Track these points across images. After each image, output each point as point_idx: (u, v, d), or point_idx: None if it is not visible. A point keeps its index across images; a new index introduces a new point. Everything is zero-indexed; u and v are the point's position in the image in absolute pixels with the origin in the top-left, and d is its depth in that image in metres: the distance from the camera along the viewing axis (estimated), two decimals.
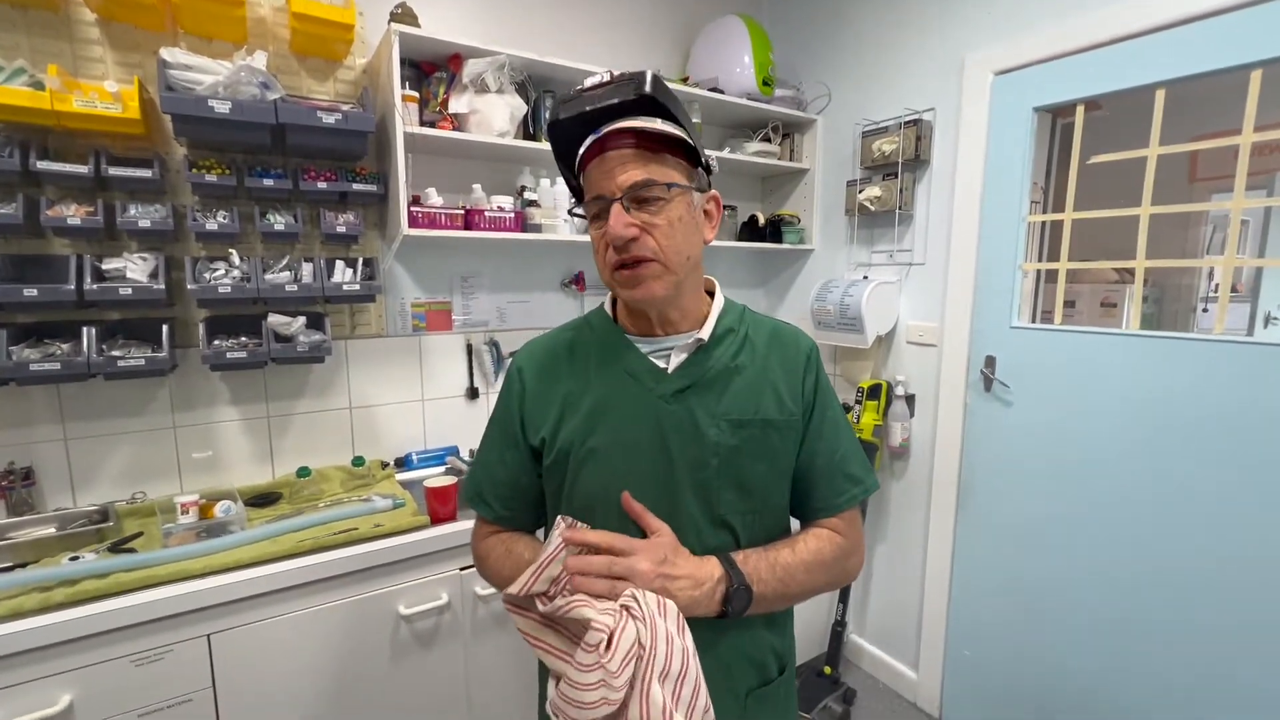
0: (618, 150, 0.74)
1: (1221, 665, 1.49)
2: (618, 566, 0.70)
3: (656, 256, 0.75)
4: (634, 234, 0.73)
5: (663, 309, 0.81)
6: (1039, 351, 1.80)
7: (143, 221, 1.44)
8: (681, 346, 0.81)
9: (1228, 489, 1.46)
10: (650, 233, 0.74)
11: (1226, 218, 2.66)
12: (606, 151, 0.74)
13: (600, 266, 0.79)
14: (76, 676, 1.14)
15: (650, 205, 0.74)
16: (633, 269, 0.75)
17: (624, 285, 0.77)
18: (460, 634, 1.54)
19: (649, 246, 0.74)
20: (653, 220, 0.74)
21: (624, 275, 0.76)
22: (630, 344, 0.83)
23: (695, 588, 0.72)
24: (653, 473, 0.79)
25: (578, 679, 0.64)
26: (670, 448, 0.78)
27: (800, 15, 2.44)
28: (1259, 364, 1.40)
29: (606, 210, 0.74)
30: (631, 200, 0.73)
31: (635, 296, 0.77)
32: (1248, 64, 1.40)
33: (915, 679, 2.20)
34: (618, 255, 0.75)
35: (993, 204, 1.88)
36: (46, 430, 1.50)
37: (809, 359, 0.86)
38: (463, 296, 2.03)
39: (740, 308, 0.89)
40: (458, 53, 1.72)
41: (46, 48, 1.42)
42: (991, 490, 1.94)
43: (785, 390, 0.82)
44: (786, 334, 0.88)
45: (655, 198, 0.74)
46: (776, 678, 0.87)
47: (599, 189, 0.75)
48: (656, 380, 0.80)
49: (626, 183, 0.73)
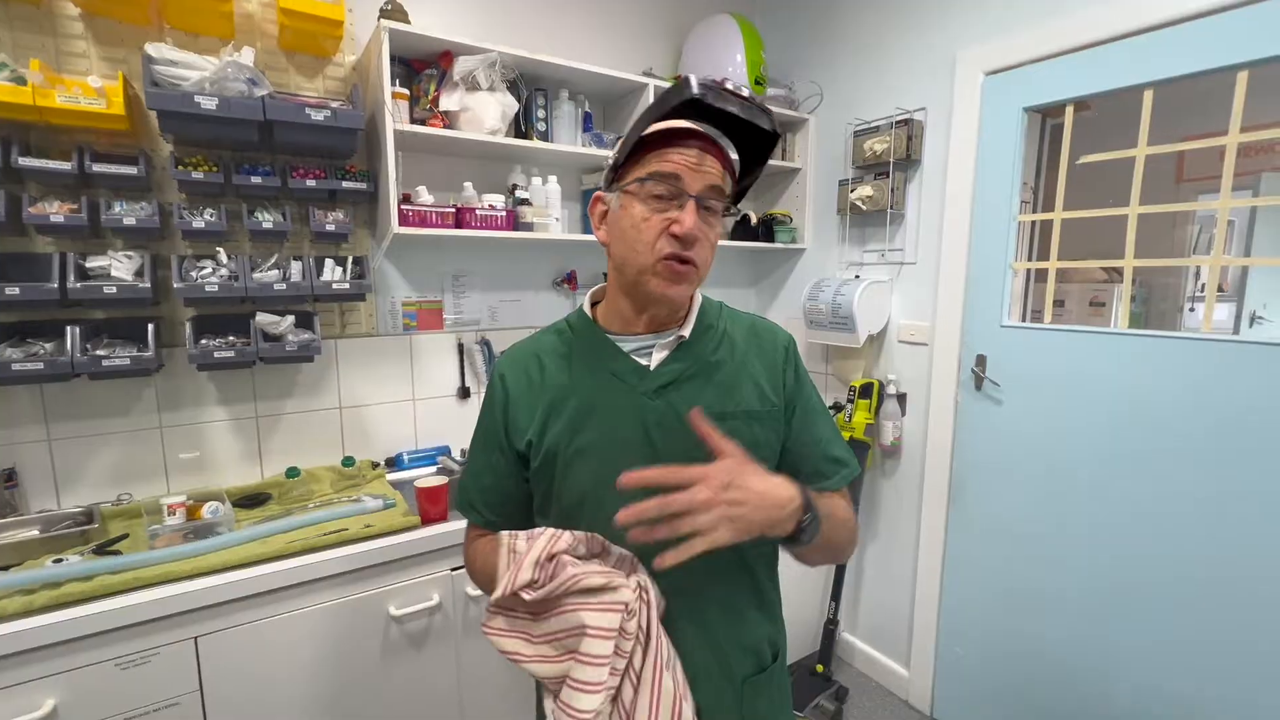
0: (708, 155, 0.75)
1: (1212, 664, 1.50)
2: (676, 503, 0.64)
3: (700, 265, 0.77)
4: (699, 235, 0.75)
5: (655, 308, 0.82)
6: (1029, 350, 1.81)
7: (128, 219, 1.42)
8: (663, 344, 0.82)
9: (1215, 486, 1.47)
10: (703, 240, 0.76)
11: (1213, 218, 2.68)
12: (705, 150, 0.75)
13: (641, 245, 0.76)
14: (60, 680, 1.12)
15: (709, 214, 0.76)
16: (683, 265, 0.76)
17: (665, 277, 0.76)
18: (452, 635, 1.53)
19: (700, 254, 0.76)
20: (708, 232, 0.76)
21: (673, 268, 0.76)
22: (612, 344, 0.84)
23: (772, 508, 0.68)
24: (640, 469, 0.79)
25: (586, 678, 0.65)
26: (656, 444, 0.79)
27: (792, 14, 2.44)
28: (1245, 362, 1.42)
29: (676, 195, 0.74)
30: (700, 204, 0.75)
31: (668, 292, 0.77)
32: (1235, 65, 1.41)
33: (907, 677, 2.21)
34: (680, 248, 0.75)
35: (983, 203, 1.89)
36: (30, 431, 1.48)
37: (787, 351, 0.88)
38: (454, 295, 2.02)
39: (718, 304, 0.91)
40: (448, 50, 1.71)
41: (28, 42, 1.40)
42: (982, 488, 1.95)
43: (766, 382, 0.84)
44: (764, 328, 0.90)
45: (715, 210, 0.77)
46: (770, 665, 0.88)
47: (681, 174, 0.74)
48: (639, 378, 0.81)
49: (710, 183, 0.75)
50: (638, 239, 0.76)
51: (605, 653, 0.66)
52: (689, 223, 0.73)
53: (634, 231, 0.76)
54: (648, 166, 0.75)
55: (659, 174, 0.74)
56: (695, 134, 0.75)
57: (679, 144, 0.74)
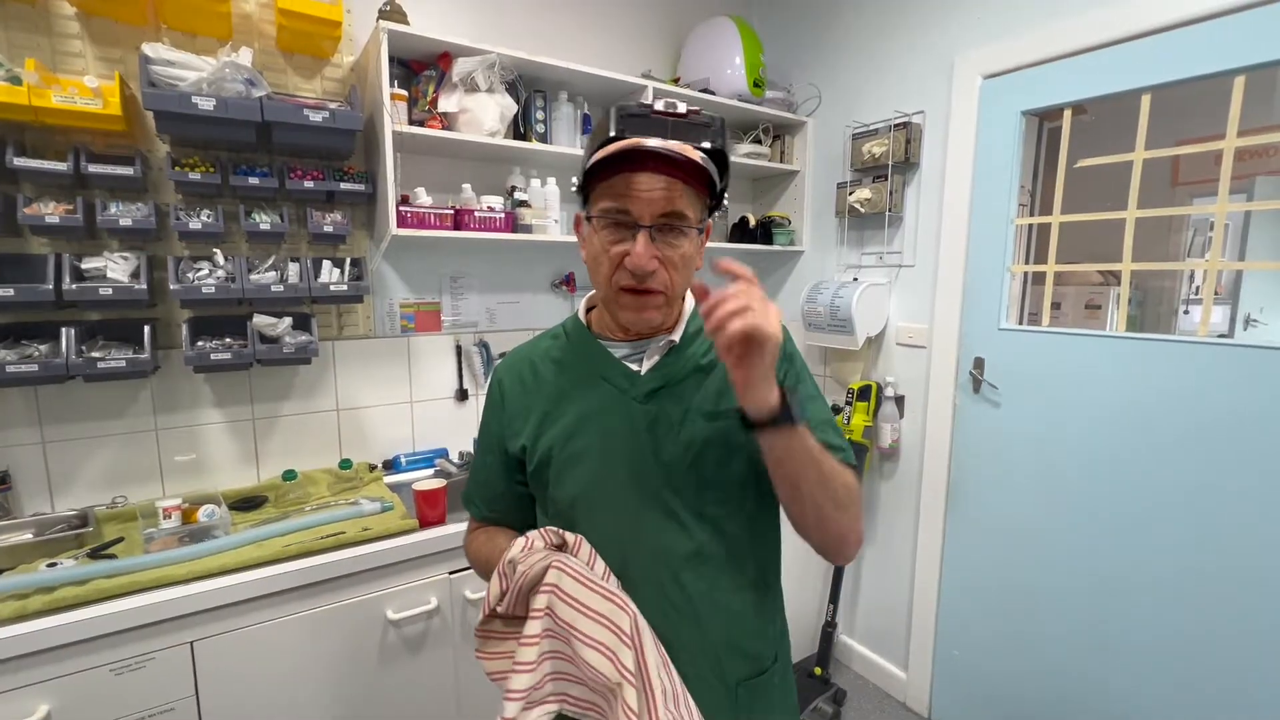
0: (652, 175, 0.71)
1: (1208, 666, 1.51)
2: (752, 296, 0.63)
3: (665, 289, 0.75)
4: (655, 267, 0.73)
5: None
6: (1027, 353, 1.81)
7: (124, 220, 1.41)
8: (654, 349, 0.82)
9: (1211, 488, 1.48)
10: (665, 266, 0.74)
11: (1207, 221, 2.70)
12: (644, 170, 0.71)
13: (600, 276, 0.77)
14: (55, 686, 1.11)
15: (671, 236, 0.73)
16: (641, 295, 0.75)
17: (626, 308, 0.77)
18: (450, 638, 1.52)
19: (662, 280, 0.75)
20: (670, 255, 0.74)
21: (630, 299, 0.76)
22: (603, 350, 0.84)
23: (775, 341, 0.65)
24: (633, 473, 0.80)
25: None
26: (647, 447, 0.79)
27: (791, 17, 2.44)
28: (1241, 365, 1.42)
29: (625, 225, 0.73)
30: (656, 230, 0.72)
31: (634, 320, 0.78)
32: (1232, 70, 1.42)
33: (905, 679, 2.21)
34: (632, 280, 0.74)
35: (981, 206, 1.89)
36: (23, 433, 1.47)
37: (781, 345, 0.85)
38: (452, 297, 2.02)
39: None
40: (447, 51, 1.70)
41: (24, 41, 1.39)
42: (980, 491, 1.96)
43: None
44: None
45: (678, 232, 0.73)
46: (769, 668, 0.86)
47: (625, 204, 0.72)
48: (631, 383, 0.82)
49: (659, 212, 0.71)
50: (597, 270, 0.77)
51: (533, 632, 0.69)
52: (638, 257, 0.71)
53: (594, 263, 0.77)
54: (600, 198, 0.74)
55: (607, 209, 0.73)
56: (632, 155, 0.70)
57: (623, 171, 0.71)
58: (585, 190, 0.78)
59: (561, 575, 0.70)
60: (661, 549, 0.78)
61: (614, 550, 0.78)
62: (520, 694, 0.68)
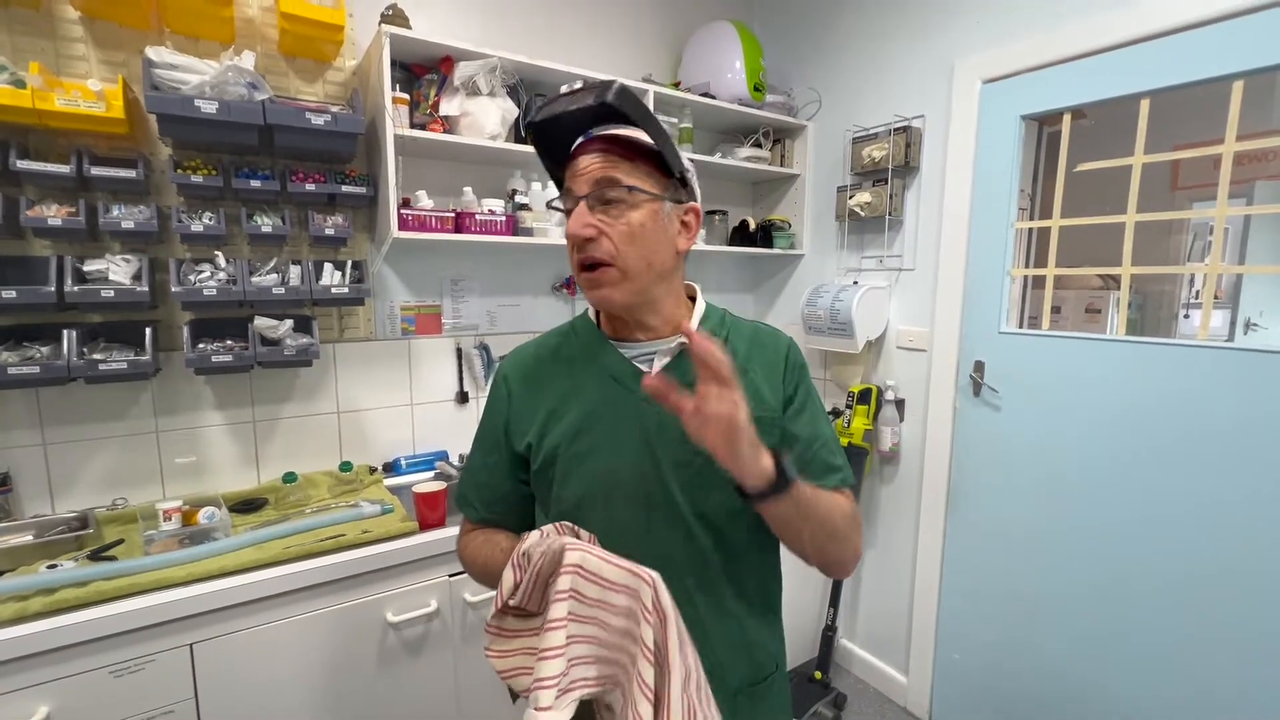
0: (589, 155, 0.76)
1: (1210, 671, 1.51)
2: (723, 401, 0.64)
3: (613, 261, 0.76)
4: (591, 234, 0.75)
5: (636, 315, 0.82)
6: (1027, 356, 1.81)
7: (126, 222, 1.41)
8: (664, 351, 0.82)
9: (1212, 492, 1.47)
10: (608, 234, 0.75)
11: (1206, 225, 2.70)
12: (585, 152, 0.77)
13: (571, 266, 0.80)
14: (54, 688, 1.11)
15: (613, 207, 0.75)
16: (593, 272, 0.77)
17: (586, 287, 0.79)
18: (450, 641, 1.52)
19: (605, 249, 0.75)
20: (612, 223, 0.75)
21: (586, 277, 0.78)
22: (613, 349, 0.84)
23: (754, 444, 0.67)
24: (638, 474, 0.79)
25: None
26: (654, 449, 0.79)
27: (791, 21, 2.45)
28: (1242, 369, 1.42)
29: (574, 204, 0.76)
30: (596, 200, 0.75)
31: (593, 299, 0.80)
32: (1230, 75, 1.42)
33: (905, 683, 2.20)
34: (578, 255, 0.77)
35: (981, 210, 1.89)
36: (24, 435, 1.47)
37: (789, 354, 0.87)
38: (453, 300, 2.02)
39: (721, 312, 0.90)
40: (449, 55, 1.71)
41: (28, 45, 1.40)
42: (980, 495, 1.96)
43: (766, 388, 0.83)
44: (766, 334, 0.89)
45: (617, 199, 0.75)
46: (769, 675, 0.86)
47: (570, 187, 0.77)
48: (638, 383, 0.81)
49: (593, 181, 0.75)
50: (570, 260, 0.80)
51: (558, 615, 0.66)
52: (571, 225, 0.75)
53: (569, 255, 0.80)
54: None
55: (560, 198, 0.79)
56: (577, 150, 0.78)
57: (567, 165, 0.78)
58: None
59: (585, 556, 0.68)
60: (665, 553, 0.78)
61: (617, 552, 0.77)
62: (552, 681, 0.65)
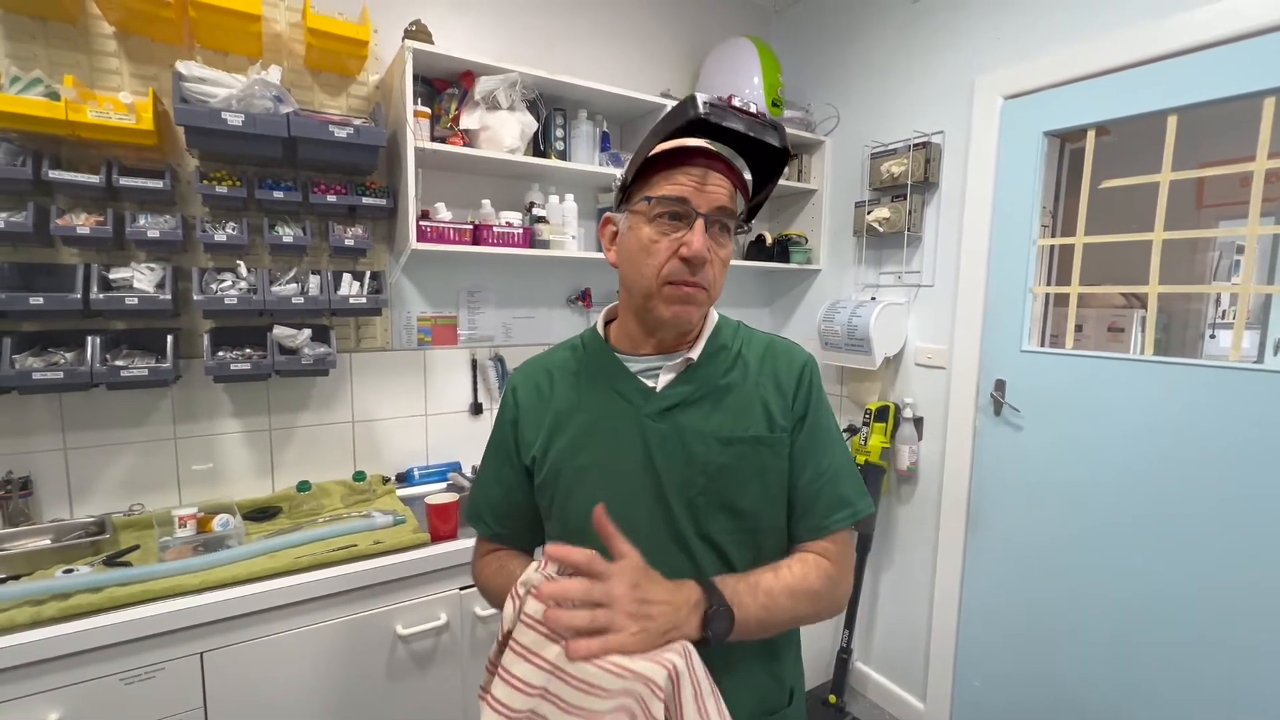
0: (720, 175, 0.75)
1: (1238, 695, 1.45)
2: (596, 592, 0.63)
3: (708, 287, 0.76)
4: (710, 257, 0.74)
5: (671, 331, 0.81)
6: (1050, 376, 1.78)
7: (151, 232, 1.44)
8: (670, 366, 0.81)
9: (1241, 517, 1.42)
10: (711, 260, 0.75)
11: (1233, 244, 2.65)
12: (712, 168, 0.74)
13: (646, 269, 0.75)
14: (65, 694, 1.11)
15: (721, 235, 0.76)
16: (688, 288, 0.75)
17: (671, 300, 0.76)
18: (459, 656, 1.50)
19: (708, 276, 0.76)
20: (717, 250, 0.76)
21: (679, 291, 0.75)
22: (620, 363, 0.83)
23: (673, 612, 0.66)
24: (641, 492, 0.78)
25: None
26: (658, 467, 0.77)
27: (809, 37, 2.46)
28: (1272, 391, 1.38)
29: (684, 216, 0.74)
30: (712, 223, 0.74)
31: (675, 315, 0.77)
32: (1261, 91, 1.40)
33: (922, 710, 2.14)
34: (688, 271, 0.74)
35: (1002, 227, 1.87)
36: (46, 440, 1.49)
37: (803, 372, 0.83)
38: (469, 311, 2.03)
39: (735, 324, 0.88)
40: (470, 70, 1.73)
41: (64, 59, 1.44)
42: (1001, 515, 1.91)
43: (776, 406, 0.80)
44: (781, 349, 0.86)
45: (726, 230, 0.76)
46: (785, 706, 0.84)
47: (686, 194, 0.73)
48: (644, 398, 0.80)
49: (718, 203, 0.74)
50: (645, 261, 0.75)
51: (525, 641, 0.65)
52: (697, 243, 0.72)
53: (642, 254, 0.75)
54: (655, 188, 0.75)
55: (666, 196, 0.74)
56: (703, 152, 0.74)
57: (686, 164, 0.74)
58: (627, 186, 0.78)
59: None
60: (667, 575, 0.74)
61: None
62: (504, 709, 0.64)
